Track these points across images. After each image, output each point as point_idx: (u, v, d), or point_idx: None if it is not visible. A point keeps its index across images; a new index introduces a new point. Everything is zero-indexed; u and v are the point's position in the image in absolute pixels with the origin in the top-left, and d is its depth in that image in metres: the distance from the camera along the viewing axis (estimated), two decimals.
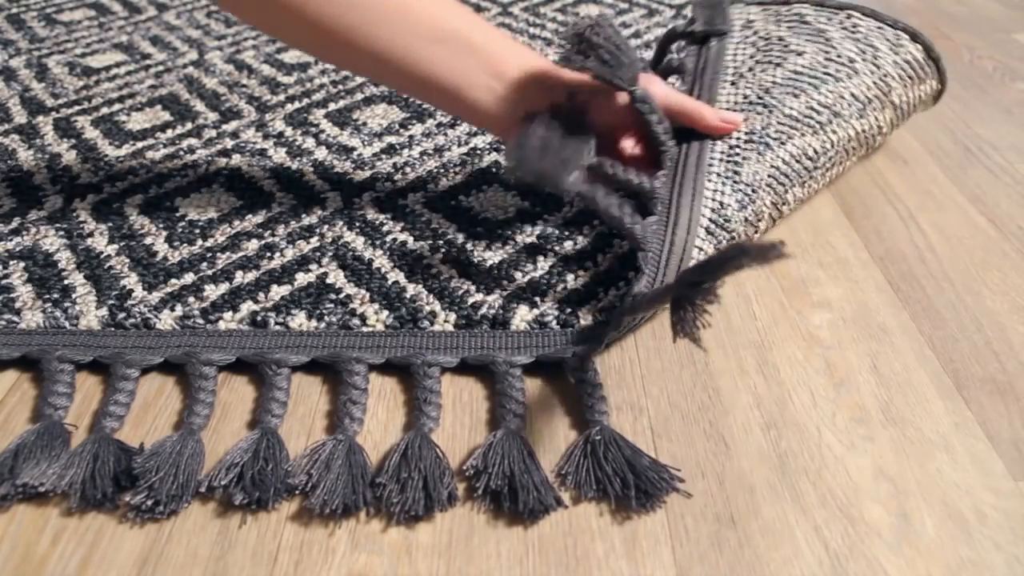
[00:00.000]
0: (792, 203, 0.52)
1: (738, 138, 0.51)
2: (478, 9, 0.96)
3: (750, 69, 0.57)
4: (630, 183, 0.47)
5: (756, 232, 0.50)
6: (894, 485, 0.37)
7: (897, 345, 0.46)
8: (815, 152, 0.52)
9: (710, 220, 0.47)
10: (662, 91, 0.50)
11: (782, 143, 0.51)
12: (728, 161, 0.50)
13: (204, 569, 0.35)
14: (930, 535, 0.35)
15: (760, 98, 0.54)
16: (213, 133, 0.69)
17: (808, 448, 0.39)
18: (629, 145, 0.52)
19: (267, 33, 0.50)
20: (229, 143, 0.67)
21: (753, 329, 0.47)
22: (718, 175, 0.49)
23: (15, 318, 0.47)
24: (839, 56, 0.56)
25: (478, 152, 0.64)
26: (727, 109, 0.54)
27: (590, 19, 0.46)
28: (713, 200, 0.48)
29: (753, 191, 0.49)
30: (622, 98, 0.48)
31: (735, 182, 0.49)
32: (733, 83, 0.56)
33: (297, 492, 0.38)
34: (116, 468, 0.38)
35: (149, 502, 0.36)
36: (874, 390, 0.43)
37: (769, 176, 0.50)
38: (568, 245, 0.52)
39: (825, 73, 0.55)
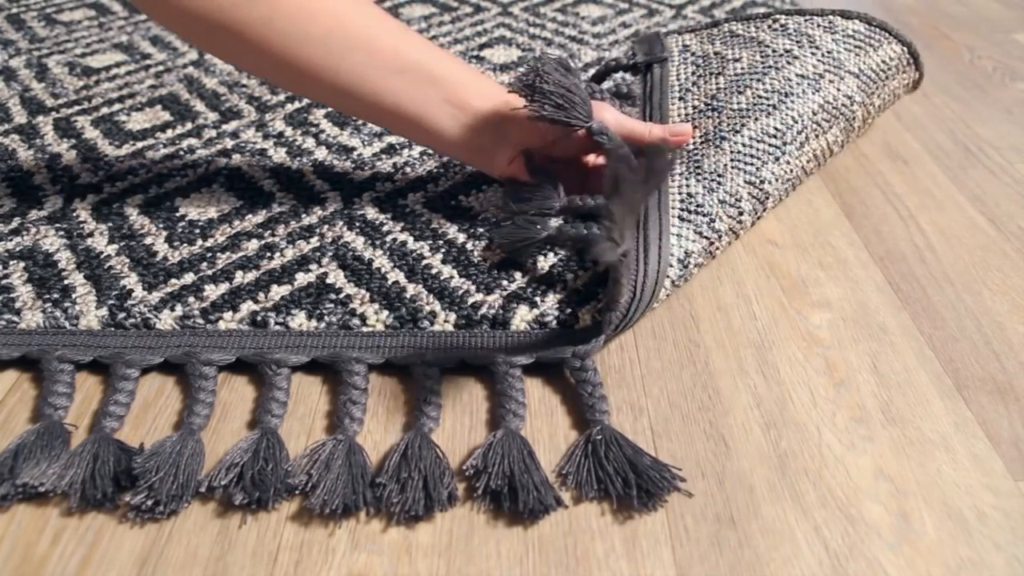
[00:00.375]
0: (774, 180, 0.53)
1: (694, 143, 0.54)
2: (478, 9, 0.96)
3: (694, 84, 0.60)
4: (600, 206, 0.50)
5: (741, 213, 0.51)
6: (894, 485, 0.37)
7: (897, 345, 0.46)
8: (776, 130, 0.54)
9: (681, 209, 0.49)
10: (613, 118, 0.52)
11: (736, 131, 0.54)
12: (689, 162, 0.53)
13: (204, 569, 0.35)
14: (930, 535, 0.35)
15: (708, 104, 0.57)
16: (213, 133, 0.69)
17: (808, 448, 0.39)
18: (592, 158, 0.56)
19: (233, 64, 0.51)
20: (229, 143, 0.67)
21: (753, 329, 0.47)
22: (680, 174, 0.52)
23: (15, 318, 0.47)
24: (775, 51, 0.60)
25: None
26: (679, 121, 0.57)
27: (532, 67, 0.49)
28: (680, 193, 0.50)
29: (719, 175, 0.51)
30: (580, 132, 0.50)
31: (699, 175, 0.51)
32: (681, 98, 0.59)
33: (297, 492, 0.38)
34: (116, 468, 0.38)
35: (149, 502, 0.36)
36: (874, 390, 0.43)
37: (733, 160, 0.52)
38: (568, 245, 0.52)
39: (765, 67, 0.58)
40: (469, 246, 0.53)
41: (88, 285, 0.50)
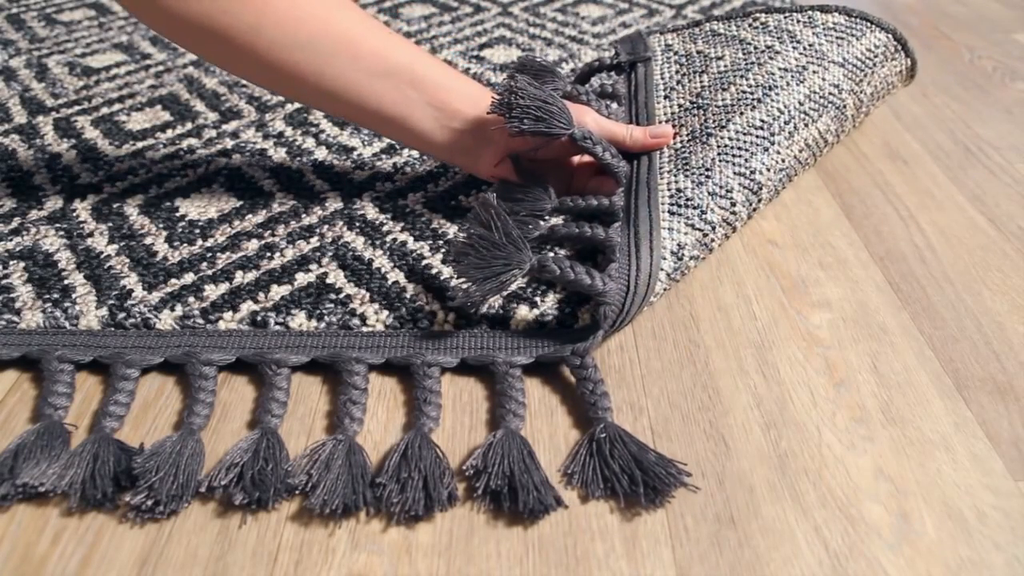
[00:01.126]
0: (765, 170, 0.53)
1: (681, 141, 0.55)
2: (478, 9, 0.96)
3: (678, 82, 0.61)
4: (591, 206, 0.51)
5: (733, 204, 0.51)
6: (894, 485, 0.37)
7: (897, 345, 0.46)
8: (763, 121, 0.54)
9: (671, 204, 0.50)
10: (594, 121, 0.53)
11: (722, 127, 0.54)
12: (677, 160, 0.53)
13: (204, 569, 0.35)
14: (930, 535, 0.35)
15: (693, 102, 0.58)
16: (213, 133, 0.69)
17: (808, 448, 0.39)
18: (577, 158, 0.57)
19: (221, 67, 0.52)
20: (229, 143, 0.67)
21: (753, 329, 0.47)
22: (669, 171, 0.53)
23: (15, 318, 0.47)
24: (756, 48, 0.61)
25: None
26: (666, 121, 0.58)
27: (506, 85, 0.50)
28: (669, 188, 0.51)
29: (707, 169, 0.52)
30: (563, 138, 0.51)
31: (687, 171, 0.52)
32: (666, 96, 0.60)
33: (297, 492, 0.38)
34: (116, 468, 0.38)
35: (149, 502, 0.36)
36: (874, 390, 0.43)
37: (720, 154, 0.53)
38: (567, 245, 0.52)
39: (748, 64, 0.59)
40: None
41: (88, 285, 0.50)
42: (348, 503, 0.36)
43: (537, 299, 0.47)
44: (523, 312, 0.46)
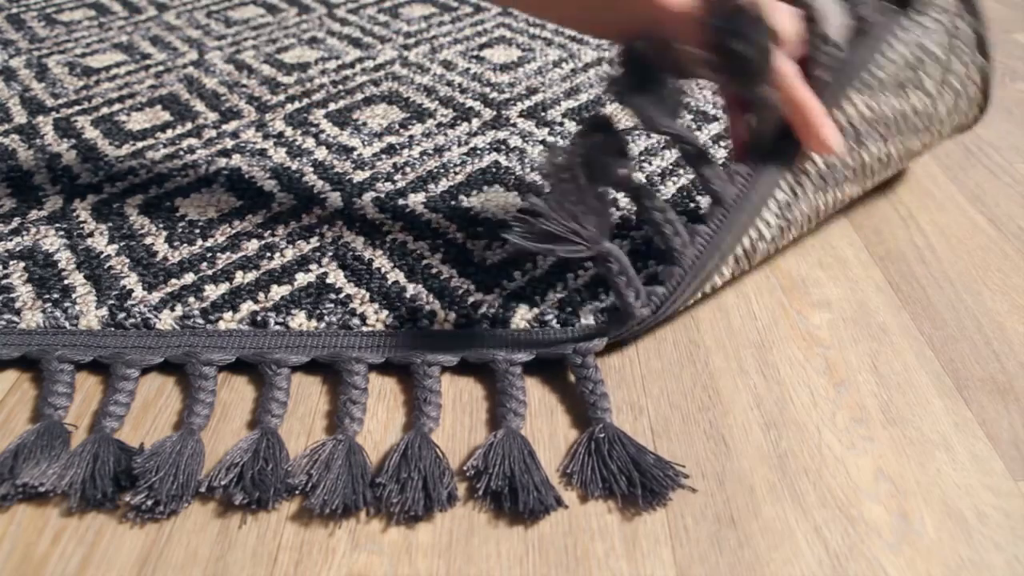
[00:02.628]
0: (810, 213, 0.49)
1: (818, 170, 0.47)
2: (478, 9, 0.96)
3: (880, 82, 0.48)
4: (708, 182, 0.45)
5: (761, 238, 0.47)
6: (894, 485, 0.37)
7: (897, 345, 0.46)
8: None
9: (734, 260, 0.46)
10: (790, 73, 0.42)
11: (834, 187, 0.48)
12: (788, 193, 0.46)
13: (204, 569, 0.35)
14: (930, 535, 0.35)
15: (857, 132, 0.48)
16: (213, 133, 0.69)
17: (808, 448, 0.39)
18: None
19: None
20: (229, 143, 0.67)
21: (753, 329, 0.47)
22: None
23: (15, 318, 0.47)
24: (932, 108, 0.51)
25: (478, 152, 0.64)
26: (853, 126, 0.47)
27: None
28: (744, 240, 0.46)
29: (788, 222, 0.47)
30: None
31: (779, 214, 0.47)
32: (859, 91, 0.47)
33: (297, 492, 0.38)
34: (116, 468, 0.38)
35: (149, 502, 0.36)
36: (874, 390, 0.43)
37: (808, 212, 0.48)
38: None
39: (911, 127, 0.51)
40: (469, 246, 0.53)
41: (88, 285, 0.50)
42: (348, 503, 0.36)
43: (537, 298, 0.47)
44: (523, 311, 0.46)
